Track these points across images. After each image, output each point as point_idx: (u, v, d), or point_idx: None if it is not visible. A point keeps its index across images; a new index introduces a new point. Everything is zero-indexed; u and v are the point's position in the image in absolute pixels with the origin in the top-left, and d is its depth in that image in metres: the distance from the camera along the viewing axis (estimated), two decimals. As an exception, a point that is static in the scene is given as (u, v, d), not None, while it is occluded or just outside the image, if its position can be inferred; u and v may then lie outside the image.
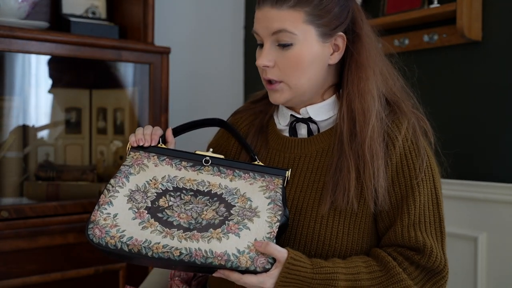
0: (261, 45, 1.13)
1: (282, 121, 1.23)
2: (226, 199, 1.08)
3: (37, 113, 1.96)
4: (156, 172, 1.11)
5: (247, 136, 1.25)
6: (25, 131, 1.90)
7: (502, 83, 1.68)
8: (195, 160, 1.14)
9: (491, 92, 1.71)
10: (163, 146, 1.17)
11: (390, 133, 1.12)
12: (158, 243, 0.99)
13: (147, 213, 1.04)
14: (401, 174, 1.11)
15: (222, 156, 1.15)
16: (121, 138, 2.06)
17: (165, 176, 1.11)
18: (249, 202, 1.07)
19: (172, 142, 1.20)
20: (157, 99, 1.92)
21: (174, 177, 1.11)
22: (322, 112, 1.18)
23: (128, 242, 0.99)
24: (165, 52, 1.93)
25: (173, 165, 1.13)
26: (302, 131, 1.20)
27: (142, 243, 0.99)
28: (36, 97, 1.96)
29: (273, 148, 1.21)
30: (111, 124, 2.05)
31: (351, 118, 1.12)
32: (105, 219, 1.02)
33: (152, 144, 1.15)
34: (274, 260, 1.00)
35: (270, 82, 1.14)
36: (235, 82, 2.57)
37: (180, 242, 0.99)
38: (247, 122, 1.28)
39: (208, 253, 0.98)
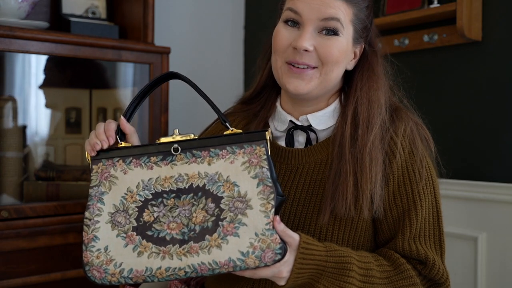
0: (292, 23, 1.09)
1: (279, 127, 1.19)
2: (211, 191, 0.99)
3: (37, 113, 1.96)
4: (128, 181, 1.02)
5: None
6: (25, 131, 1.90)
7: (502, 83, 1.68)
8: (164, 152, 1.02)
9: (491, 92, 1.71)
10: (123, 144, 1.05)
11: (391, 142, 1.11)
12: (160, 267, 0.96)
13: (136, 235, 0.98)
14: (402, 188, 1.09)
15: (191, 135, 1.04)
16: (121, 138, 2.05)
17: (139, 183, 1.01)
18: (236, 188, 0.98)
19: (131, 130, 1.08)
20: (157, 99, 1.91)
21: (149, 180, 1.01)
22: (324, 120, 1.15)
23: (130, 276, 0.97)
24: (165, 52, 1.93)
25: (143, 165, 1.02)
26: (300, 138, 1.17)
27: (144, 273, 0.96)
28: (36, 97, 1.96)
29: None
30: (111, 124, 2.05)
31: (354, 123, 1.10)
32: (97, 257, 0.98)
33: (111, 143, 1.04)
34: (281, 249, 0.94)
35: (294, 66, 1.09)
36: (235, 82, 2.57)
37: (181, 260, 0.95)
38: (241, 126, 1.24)
39: (213, 265, 0.95)
